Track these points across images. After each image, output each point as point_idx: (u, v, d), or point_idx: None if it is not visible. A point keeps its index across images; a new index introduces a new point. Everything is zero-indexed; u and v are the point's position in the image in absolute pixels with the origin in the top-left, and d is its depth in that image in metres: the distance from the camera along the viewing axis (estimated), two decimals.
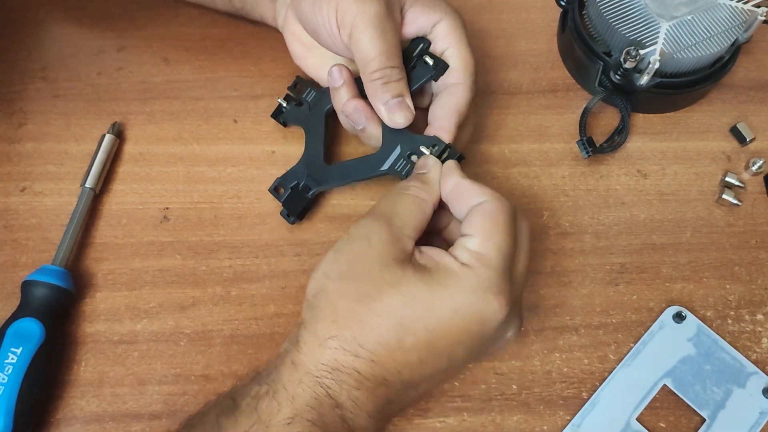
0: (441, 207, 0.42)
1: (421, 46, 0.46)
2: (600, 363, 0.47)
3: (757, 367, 0.46)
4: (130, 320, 0.48)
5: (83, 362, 0.47)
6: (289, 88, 0.52)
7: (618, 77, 0.50)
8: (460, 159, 0.43)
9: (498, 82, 0.55)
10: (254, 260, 0.49)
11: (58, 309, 0.46)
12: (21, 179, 0.52)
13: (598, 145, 0.52)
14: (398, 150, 0.45)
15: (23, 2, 0.58)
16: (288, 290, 0.49)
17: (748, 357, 0.47)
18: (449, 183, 0.42)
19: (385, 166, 0.45)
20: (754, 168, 0.52)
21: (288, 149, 0.53)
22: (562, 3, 0.54)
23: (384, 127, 0.46)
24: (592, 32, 0.53)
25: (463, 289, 0.37)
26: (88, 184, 0.50)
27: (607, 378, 0.46)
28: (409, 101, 0.45)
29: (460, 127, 0.45)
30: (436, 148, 0.44)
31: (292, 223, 0.50)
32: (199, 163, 0.53)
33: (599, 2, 0.50)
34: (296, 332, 0.39)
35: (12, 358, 0.43)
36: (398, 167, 0.45)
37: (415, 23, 0.46)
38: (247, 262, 0.49)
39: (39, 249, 0.50)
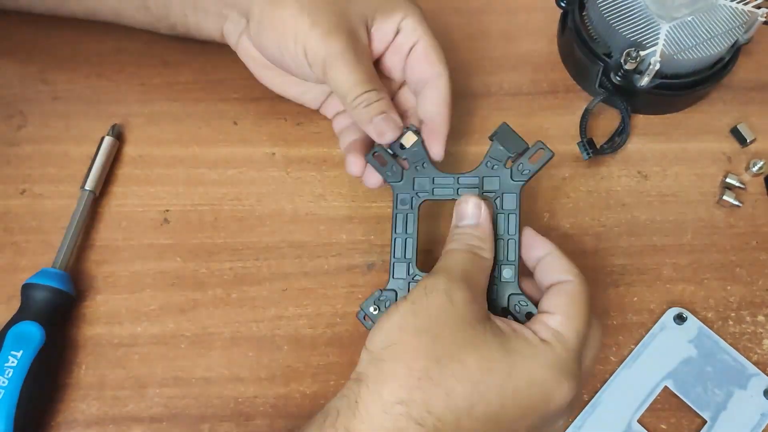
0: None
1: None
2: (601, 365, 0.47)
3: (758, 368, 0.46)
4: (130, 323, 0.48)
5: (84, 365, 0.47)
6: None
7: (618, 78, 0.50)
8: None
9: (498, 83, 0.55)
10: (255, 262, 0.49)
11: (58, 312, 0.46)
12: (21, 182, 0.52)
13: (598, 147, 0.52)
14: (494, 179, 0.43)
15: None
16: (289, 292, 0.49)
17: (749, 358, 0.47)
18: (539, 252, 0.41)
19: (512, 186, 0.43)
20: (755, 169, 0.52)
21: (288, 151, 0.53)
22: (562, 4, 0.54)
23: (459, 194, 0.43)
24: (593, 33, 0.53)
25: (541, 364, 0.36)
26: (87, 187, 0.50)
27: (608, 380, 0.46)
28: (394, 116, 0.44)
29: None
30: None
31: None
32: (199, 165, 0.52)
33: (599, 3, 0.50)
34: (355, 391, 0.35)
35: (12, 362, 0.43)
36: (516, 176, 0.43)
37: (381, 31, 0.46)
38: (248, 264, 0.49)
39: (39, 252, 0.49)
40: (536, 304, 0.40)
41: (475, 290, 0.38)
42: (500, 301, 0.41)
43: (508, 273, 0.42)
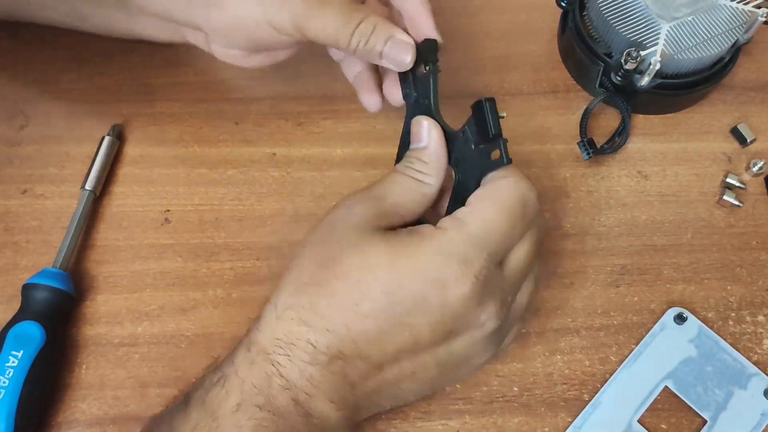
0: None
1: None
2: (601, 365, 0.47)
3: (759, 368, 0.46)
4: (131, 323, 0.48)
5: (84, 365, 0.47)
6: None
7: (619, 78, 0.50)
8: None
9: (498, 83, 0.55)
10: (255, 262, 0.49)
11: (58, 312, 0.46)
12: (22, 182, 0.52)
13: (598, 147, 0.52)
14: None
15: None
16: None
17: (749, 358, 0.47)
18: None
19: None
20: (755, 169, 0.52)
21: (289, 151, 0.53)
22: (563, 4, 0.54)
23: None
24: (593, 33, 0.53)
25: (425, 251, 0.34)
26: (88, 187, 0.50)
27: (608, 380, 0.46)
28: (401, 35, 0.40)
29: None
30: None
31: None
32: (200, 165, 0.52)
33: (600, 3, 0.50)
34: (261, 309, 0.36)
35: (13, 362, 0.43)
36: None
37: None
38: (248, 264, 0.49)
39: (39, 252, 0.49)
40: None
41: (390, 208, 0.37)
42: None
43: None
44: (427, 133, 0.39)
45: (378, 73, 0.47)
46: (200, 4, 0.42)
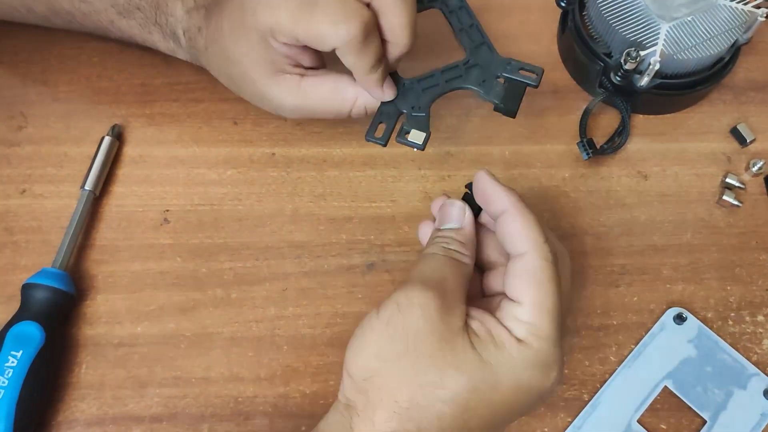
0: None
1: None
2: (601, 365, 0.47)
3: (758, 368, 0.46)
4: (130, 323, 0.48)
5: (84, 365, 0.47)
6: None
7: (618, 78, 0.50)
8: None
9: None
10: (255, 262, 0.49)
11: (58, 312, 0.46)
12: (21, 182, 0.52)
13: (598, 147, 0.52)
14: (480, 70, 0.44)
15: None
16: (288, 292, 0.49)
17: (749, 358, 0.47)
18: (497, 207, 0.38)
19: (471, 84, 0.44)
20: (755, 169, 0.52)
21: (288, 151, 0.53)
22: (563, 4, 0.54)
23: (463, 39, 0.45)
24: (593, 33, 0.53)
25: (523, 366, 0.35)
26: (87, 187, 0.50)
27: (608, 380, 0.46)
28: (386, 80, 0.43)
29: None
30: (535, 76, 0.44)
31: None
32: (199, 165, 0.52)
33: (599, 3, 0.50)
34: (347, 418, 0.35)
35: (12, 362, 0.43)
36: (484, 90, 0.44)
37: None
38: (248, 264, 0.49)
39: (39, 252, 0.49)
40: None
41: (452, 298, 0.36)
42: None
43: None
44: (462, 215, 0.40)
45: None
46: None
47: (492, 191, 0.38)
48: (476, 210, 0.40)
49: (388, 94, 0.44)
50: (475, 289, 0.41)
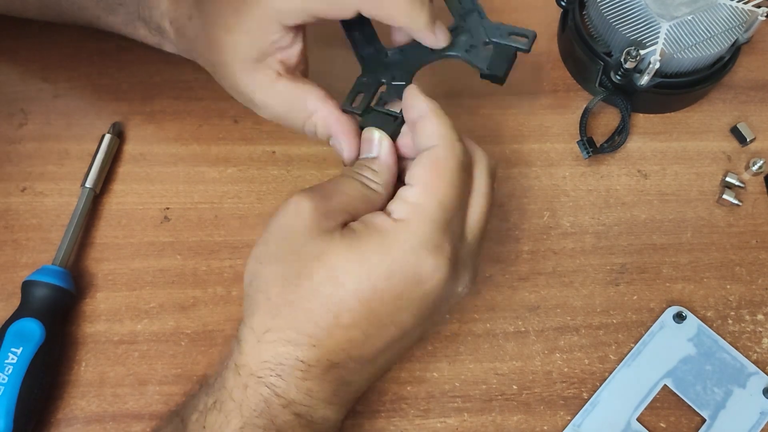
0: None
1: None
2: (600, 363, 0.47)
3: (758, 367, 0.46)
4: (130, 320, 0.48)
5: (84, 362, 0.47)
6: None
7: (618, 77, 0.50)
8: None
9: None
10: None
11: (58, 309, 0.46)
12: (21, 179, 0.52)
13: (598, 146, 0.52)
14: (468, 36, 0.41)
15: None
16: None
17: (748, 357, 0.47)
18: (413, 113, 0.38)
19: (457, 51, 0.41)
20: (755, 168, 0.52)
21: (288, 149, 0.53)
22: (563, 3, 0.54)
23: (452, 4, 0.42)
24: (593, 32, 0.53)
25: (394, 248, 0.34)
26: (88, 184, 0.50)
27: (607, 378, 0.46)
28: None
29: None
30: (526, 39, 0.41)
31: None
32: (199, 163, 0.53)
33: (599, 2, 0.50)
34: (239, 328, 0.36)
35: (12, 359, 0.43)
36: (472, 55, 0.41)
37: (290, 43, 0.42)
38: None
39: (39, 249, 0.50)
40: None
41: (337, 205, 0.36)
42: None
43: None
44: (378, 144, 0.39)
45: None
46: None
47: (413, 99, 0.38)
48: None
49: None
50: None
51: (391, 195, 0.38)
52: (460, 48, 0.42)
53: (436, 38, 0.40)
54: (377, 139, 0.39)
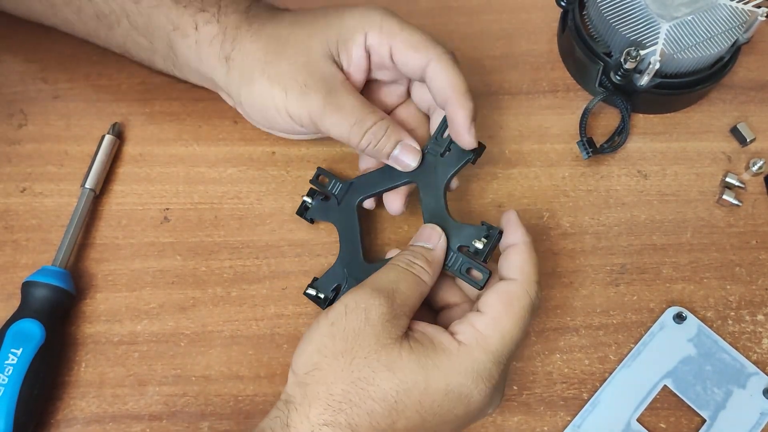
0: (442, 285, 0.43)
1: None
2: (600, 364, 0.47)
3: (758, 367, 0.46)
4: (130, 321, 0.48)
5: (83, 363, 0.47)
6: (311, 182, 0.49)
7: (618, 78, 0.50)
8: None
9: (498, 82, 0.55)
10: (255, 261, 0.49)
11: (58, 310, 0.46)
12: (21, 180, 0.52)
13: (598, 146, 0.52)
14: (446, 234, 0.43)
15: None
16: (288, 291, 0.49)
17: (748, 357, 0.47)
18: (509, 240, 0.41)
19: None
20: (755, 168, 0.52)
21: (288, 150, 0.53)
22: (563, 3, 0.54)
23: (428, 215, 0.44)
24: (593, 33, 0.53)
25: (455, 371, 0.37)
26: (88, 185, 0.50)
27: (607, 379, 0.46)
28: (409, 141, 0.45)
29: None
30: (489, 235, 0.41)
31: None
32: (199, 163, 0.53)
33: (599, 2, 0.50)
34: (285, 413, 0.37)
35: (12, 359, 0.43)
36: (450, 262, 0.42)
37: (353, 61, 0.45)
38: (248, 262, 0.49)
39: (39, 250, 0.50)
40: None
41: (399, 309, 0.38)
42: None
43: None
44: (439, 239, 0.42)
45: None
46: (236, 77, 0.46)
47: (514, 225, 0.41)
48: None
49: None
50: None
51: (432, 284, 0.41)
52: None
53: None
54: (439, 234, 0.42)
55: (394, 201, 0.47)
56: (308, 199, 0.49)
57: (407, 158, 0.45)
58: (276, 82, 0.44)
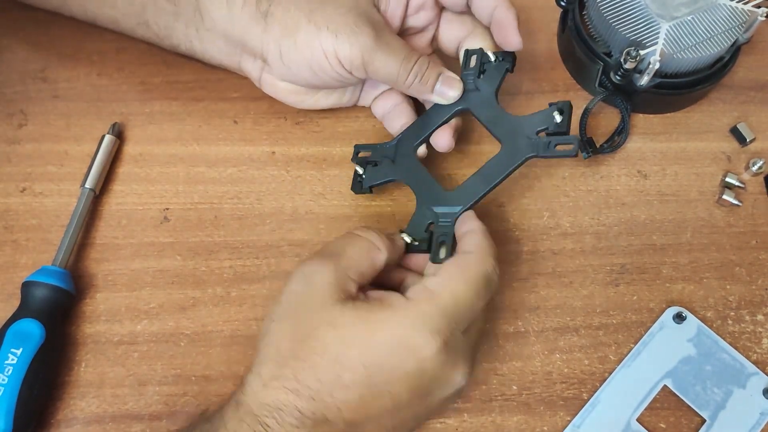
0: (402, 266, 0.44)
1: (476, 55, 0.48)
2: (600, 363, 0.47)
3: (758, 367, 0.46)
4: (130, 321, 0.48)
5: (83, 363, 0.47)
6: (353, 160, 0.50)
7: (618, 78, 0.50)
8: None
9: None
10: (254, 261, 0.49)
11: (58, 310, 0.46)
12: (21, 180, 0.52)
13: (598, 146, 0.52)
14: (520, 138, 0.45)
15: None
16: None
17: (748, 357, 0.47)
18: (464, 227, 0.43)
19: (525, 154, 0.45)
20: (755, 168, 0.52)
21: (288, 150, 0.53)
22: (562, 3, 0.54)
23: (493, 126, 0.46)
24: (593, 32, 0.53)
25: (399, 323, 0.37)
26: (88, 185, 0.50)
27: (607, 379, 0.46)
28: (449, 73, 0.47)
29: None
30: (562, 108, 0.44)
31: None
32: (199, 163, 0.53)
33: (599, 2, 0.50)
34: (245, 376, 0.38)
35: (12, 359, 0.43)
36: (534, 147, 0.44)
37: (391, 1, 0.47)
38: (248, 262, 0.49)
39: (39, 250, 0.50)
40: None
41: (344, 271, 0.39)
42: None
43: (453, 209, 0.44)
44: (399, 237, 0.44)
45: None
46: (277, 31, 0.46)
47: (468, 219, 0.43)
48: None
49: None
50: None
51: (390, 258, 0.42)
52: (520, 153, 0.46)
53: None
54: (399, 236, 0.44)
55: (443, 137, 0.48)
56: (360, 169, 0.49)
57: (450, 89, 0.47)
58: (325, 27, 0.45)
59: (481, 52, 0.48)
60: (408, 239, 0.44)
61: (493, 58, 0.47)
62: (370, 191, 0.50)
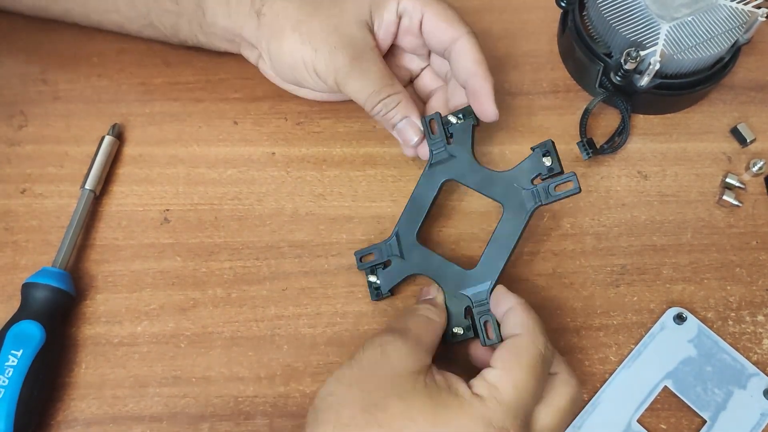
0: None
1: (435, 121, 0.47)
2: (601, 364, 0.47)
3: (758, 368, 0.46)
4: (130, 322, 0.48)
5: (83, 364, 0.47)
6: (361, 269, 0.48)
7: (618, 78, 0.50)
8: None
9: (498, 83, 0.55)
10: (255, 262, 0.49)
11: (58, 311, 0.46)
12: (21, 181, 0.52)
13: (598, 147, 0.52)
14: (518, 192, 0.45)
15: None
16: (289, 292, 0.49)
17: (749, 358, 0.47)
18: (503, 307, 0.42)
19: (529, 208, 0.44)
20: (755, 169, 0.52)
21: (288, 151, 0.53)
22: (563, 4, 0.54)
23: (485, 189, 0.46)
24: (593, 33, 0.53)
25: (466, 417, 0.36)
26: (88, 186, 0.50)
27: (607, 379, 0.46)
28: (415, 119, 0.47)
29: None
30: (547, 150, 0.44)
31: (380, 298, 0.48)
32: (199, 164, 0.52)
33: (600, 3, 0.50)
34: None
35: (12, 361, 0.43)
36: (535, 196, 0.44)
37: (383, 25, 0.47)
38: (248, 263, 0.49)
39: (39, 251, 0.50)
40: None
41: (416, 345, 0.40)
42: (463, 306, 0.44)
43: (483, 287, 0.44)
44: (437, 292, 0.45)
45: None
46: (267, 32, 0.47)
47: (503, 295, 0.43)
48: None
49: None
50: None
51: (445, 323, 0.44)
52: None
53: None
54: (436, 289, 0.45)
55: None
56: (372, 278, 0.48)
57: (409, 133, 0.47)
58: (307, 41, 0.46)
59: (439, 118, 0.47)
60: (459, 331, 0.44)
61: (454, 120, 0.47)
62: (391, 294, 0.48)
